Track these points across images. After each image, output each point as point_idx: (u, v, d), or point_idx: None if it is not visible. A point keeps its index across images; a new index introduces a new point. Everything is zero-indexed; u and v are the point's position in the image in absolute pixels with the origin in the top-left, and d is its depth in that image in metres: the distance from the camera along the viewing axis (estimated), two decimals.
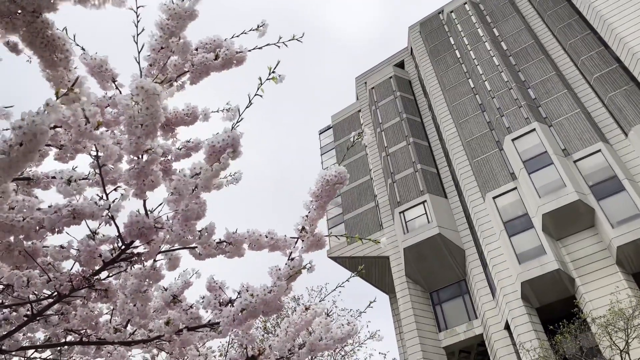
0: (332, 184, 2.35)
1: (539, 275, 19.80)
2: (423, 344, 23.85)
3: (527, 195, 22.09)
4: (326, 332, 2.77)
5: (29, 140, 1.26)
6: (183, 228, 1.97)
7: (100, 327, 2.35)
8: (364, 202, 31.25)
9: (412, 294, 25.89)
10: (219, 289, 2.54)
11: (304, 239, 2.43)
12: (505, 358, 20.48)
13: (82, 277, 1.97)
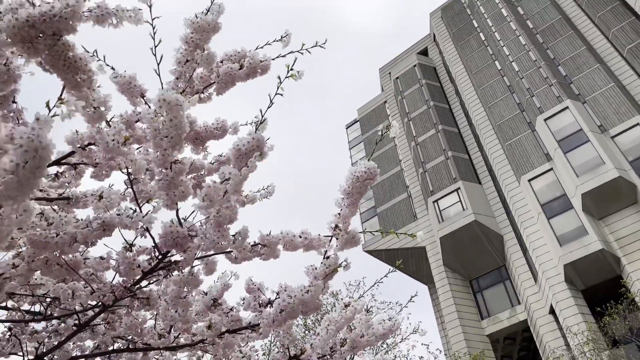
0: (363, 180, 2.33)
1: (582, 256, 19.28)
2: (466, 333, 23.56)
3: (564, 175, 21.52)
4: (367, 328, 2.77)
5: (32, 157, 1.28)
6: (217, 234, 2.00)
7: (146, 334, 2.40)
8: (396, 193, 31.03)
9: (452, 283, 25.59)
10: (257, 290, 2.56)
11: (338, 237, 2.42)
12: (552, 343, 20.03)
13: (123, 288, 2.02)
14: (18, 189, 1.25)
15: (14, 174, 1.24)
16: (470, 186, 26.25)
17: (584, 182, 20.24)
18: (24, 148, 1.25)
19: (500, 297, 24.95)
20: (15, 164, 1.24)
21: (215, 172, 2.26)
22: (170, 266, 2.03)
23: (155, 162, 1.71)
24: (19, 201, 1.32)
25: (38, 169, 1.26)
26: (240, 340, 2.68)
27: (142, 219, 1.85)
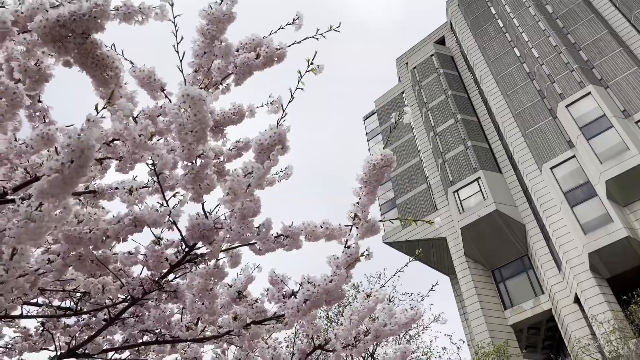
0: (379, 168, 2.34)
1: (607, 244, 18.97)
2: (489, 323, 23.40)
3: (587, 162, 21.14)
4: (390, 317, 2.79)
5: (78, 157, 1.33)
6: (241, 226, 2.03)
7: (173, 326, 2.46)
8: (415, 184, 30.87)
9: (474, 273, 25.41)
10: (280, 281, 2.60)
11: (358, 226, 2.44)
12: (577, 332, 19.79)
13: (152, 281, 2.08)
14: (61, 186, 1.30)
15: (59, 172, 1.29)
16: (490, 175, 25.98)
17: (607, 169, 19.87)
18: (72, 148, 1.30)
19: (523, 287, 24.70)
20: (60, 163, 1.29)
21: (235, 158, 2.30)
22: (196, 259, 2.08)
23: (181, 156, 1.75)
24: (60, 199, 1.37)
25: (82, 168, 1.31)
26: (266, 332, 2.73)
27: (169, 213, 1.90)
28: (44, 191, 1.30)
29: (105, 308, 2.45)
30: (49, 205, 1.43)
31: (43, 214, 1.41)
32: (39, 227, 1.44)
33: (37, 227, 1.44)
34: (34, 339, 3.35)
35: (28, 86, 1.62)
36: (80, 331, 2.41)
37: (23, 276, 1.79)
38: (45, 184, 1.29)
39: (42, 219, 1.42)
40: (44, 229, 1.44)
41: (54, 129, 1.83)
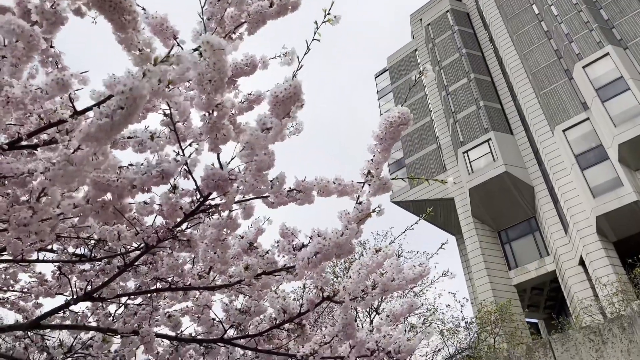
0: (396, 126, 2.32)
1: (615, 208, 18.95)
2: (493, 283, 23.75)
3: (601, 125, 20.83)
4: (398, 272, 2.82)
5: (130, 105, 1.33)
6: (256, 178, 2.04)
7: (186, 275, 2.52)
8: (425, 144, 30.69)
9: (480, 233, 25.59)
10: (291, 235, 2.63)
11: (370, 183, 2.44)
12: (580, 294, 20.07)
13: (166, 229, 2.11)
14: (107, 132, 1.31)
15: (110, 117, 1.30)
16: (501, 137, 25.74)
17: (621, 132, 19.60)
18: (125, 95, 1.29)
19: (528, 248, 24.91)
20: (112, 109, 1.29)
21: (246, 111, 2.29)
22: (210, 209, 2.10)
23: (199, 105, 1.74)
24: (102, 144, 1.38)
25: (130, 115, 1.32)
26: (275, 282, 2.78)
27: (186, 162, 1.91)
28: (90, 134, 1.30)
29: (119, 255, 2.50)
30: (89, 150, 1.44)
31: (82, 157, 1.43)
32: (77, 170, 1.45)
33: (76, 170, 1.45)
34: (49, 284, 3.46)
35: (45, 29, 1.60)
36: (95, 276, 2.48)
37: (46, 220, 1.82)
38: (94, 127, 1.29)
39: (81, 162, 1.43)
40: (82, 172, 1.46)
41: (69, 75, 1.82)
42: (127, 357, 2.62)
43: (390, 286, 2.80)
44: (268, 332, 2.58)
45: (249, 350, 2.65)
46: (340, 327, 2.56)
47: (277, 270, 2.47)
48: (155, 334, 2.55)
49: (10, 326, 2.49)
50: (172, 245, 2.23)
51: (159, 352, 2.68)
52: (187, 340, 2.60)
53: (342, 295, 2.62)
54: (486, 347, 15.39)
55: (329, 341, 2.58)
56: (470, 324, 16.92)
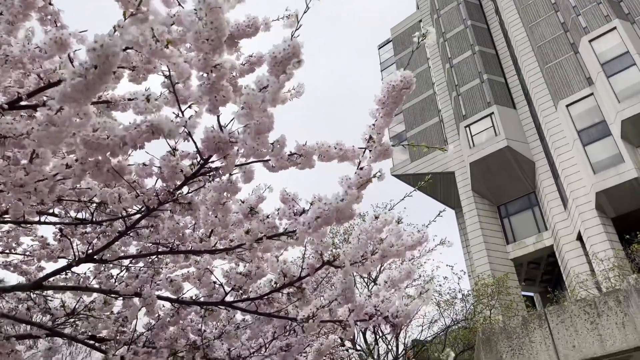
0: (399, 90, 2.30)
1: (616, 184, 18.97)
2: (490, 256, 23.96)
3: (605, 100, 20.67)
4: (397, 238, 2.84)
5: (103, 63, 1.32)
6: (256, 141, 2.03)
7: (187, 238, 2.53)
8: (427, 117, 30.54)
9: (479, 208, 25.69)
10: (292, 200, 2.64)
11: (372, 148, 2.43)
12: (576, 268, 20.26)
13: (167, 192, 2.11)
14: (84, 92, 1.29)
15: (83, 76, 1.28)
16: (504, 111, 25.58)
17: (625, 108, 19.46)
18: (97, 52, 1.27)
19: (527, 223, 25.04)
20: (85, 68, 1.28)
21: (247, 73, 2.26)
22: (211, 172, 2.10)
23: (197, 66, 1.71)
24: (82, 104, 1.36)
25: (105, 74, 1.30)
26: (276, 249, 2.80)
27: (185, 124, 1.89)
28: (66, 95, 1.29)
29: (120, 218, 2.51)
30: (70, 111, 1.42)
31: (64, 118, 1.42)
32: (59, 131, 1.44)
33: (58, 131, 1.44)
34: (51, 247, 3.48)
35: None
36: (97, 238, 2.49)
37: (42, 181, 1.82)
38: (69, 87, 1.28)
39: (63, 123, 1.42)
40: (64, 133, 1.45)
41: (67, 34, 1.79)
42: (129, 319, 2.66)
43: (390, 252, 2.82)
44: (268, 295, 2.61)
45: (249, 314, 2.69)
46: (339, 291, 2.59)
47: (278, 235, 2.48)
48: (157, 296, 2.58)
49: (14, 287, 2.52)
50: (173, 208, 2.24)
51: (160, 315, 2.72)
52: (188, 302, 2.63)
53: (342, 260, 2.64)
54: (482, 318, 15.62)
55: (328, 305, 2.61)
56: (466, 296, 17.14)
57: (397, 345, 15.93)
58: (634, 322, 4.91)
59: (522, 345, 5.67)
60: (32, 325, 2.63)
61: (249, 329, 2.99)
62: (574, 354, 5.22)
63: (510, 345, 5.76)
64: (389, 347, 16.11)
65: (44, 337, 2.87)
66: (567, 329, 5.37)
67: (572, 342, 5.26)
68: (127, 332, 2.96)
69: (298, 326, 2.68)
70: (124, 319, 2.93)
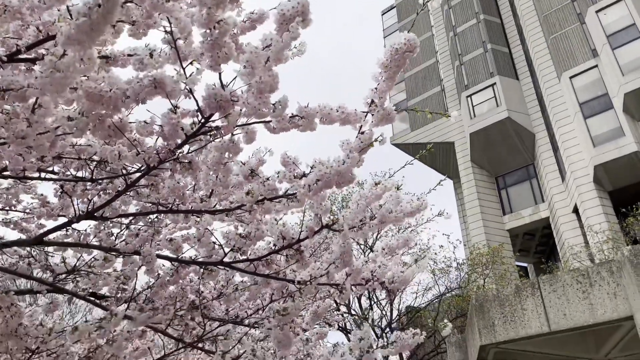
0: (402, 53, 2.27)
1: (615, 158, 18.98)
2: (486, 227, 24.17)
3: (609, 73, 20.46)
4: (396, 205, 2.85)
5: (107, 2, 1.28)
6: (258, 100, 2.01)
7: (187, 198, 2.54)
8: (429, 86, 30.26)
9: (477, 178, 25.76)
10: (292, 163, 2.63)
11: (374, 112, 2.41)
12: (571, 240, 20.47)
13: (167, 150, 2.10)
14: (88, 33, 1.27)
15: (87, 16, 1.25)
16: (506, 81, 25.34)
17: (628, 82, 19.28)
18: None
19: (524, 195, 25.16)
20: (88, 7, 1.25)
21: (248, 31, 2.22)
22: (212, 131, 2.08)
23: (199, 21, 1.68)
24: (85, 47, 1.34)
25: (109, 14, 1.27)
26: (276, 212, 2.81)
27: (186, 80, 1.87)
28: (70, 37, 1.26)
29: (121, 176, 2.51)
30: (74, 56, 1.40)
31: (69, 63, 1.39)
32: (64, 77, 1.42)
33: (63, 77, 1.42)
34: (51, 205, 3.49)
35: None
36: (97, 196, 2.49)
37: (44, 134, 1.81)
38: (73, 28, 1.26)
39: (67, 69, 1.40)
40: (68, 79, 1.43)
41: None
42: (130, 277, 2.69)
43: (388, 218, 2.84)
44: (267, 257, 2.63)
45: (248, 274, 2.72)
46: (337, 255, 2.61)
47: (278, 197, 2.48)
48: (157, 255, 2.60)
49: (14, 242, 2.54)
50: (174, 167, 2.23)
51: (159, 274, 2.75)
52: (188, 262, 2.65)
53: (341, 224, 2.66)
54: (475, 287, 15.87)
55: (326, 268, 2.64)
56: (461, 265, 17.37)
57: (392, 311, 16.23)
58: (625, 292, 4.99)
59: (514, 313, 5.77)
60: (33, 280, 2.66)
61: (248, 291, 3.03)
62: (565, 322, 5.31)
63: (502, 312, 5.86)
64: (383, 312, 16.42)
65: (44, 292, 2.90)
66: (559, 298, 5.45)
67: (563, 311, 5.35)
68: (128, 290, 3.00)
69: (295, 290, 2.71)
70: (125, 277, 2.96)
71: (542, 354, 6.68)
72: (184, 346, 2.90)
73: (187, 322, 2.52)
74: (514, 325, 5.74)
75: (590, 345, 6.68)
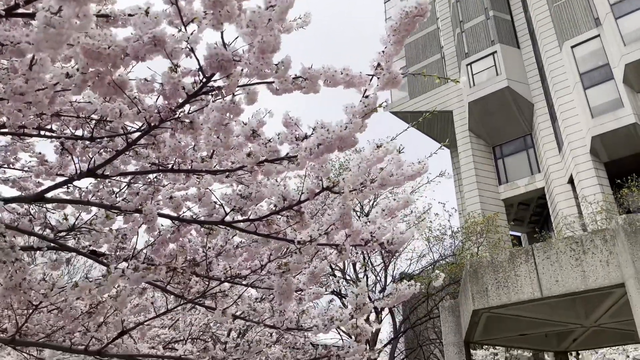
0: (412, 17, 2.23)
1: (612, 129, 18.98)
2: (482, 196, 24.33)
3: (611, 43, 20.23)
4: (397, 167, 2.86)
5: None
6: (260, 61, 1.99)
7: (188, 157, 2.54)
8: (429, 53, 29.89)
9: (475, 148, 25.76)
10: (294, 125, 2.62)
11: (380, 76, 2.39)
12: (565, 210, 20.67)
13: (168, 109, 2.09)
14: None
15: None
16: (507, 50, 25.05)
17: (630, 52, 19.09)
18: None
19: (520, 165, 25.24)
20: None
21: None
22: (213, 91, 2.07)
23: None
24: (81, 4, 1.31)
25: None
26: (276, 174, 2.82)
27: (187, 39, 1.84)
28: None
29: (121, 135, 2.50)
30: (69, 11, 1.37)
31: (63, 19, 1.37)
32: (59, 34, 1.40)
33: (57, 34, 1.40)
34: (50, 164, 3.48)
35: None
36: (98, 154, 2.49)
37: (42, 90, 1.79)
38: None
39: (62, 25, 1.37)
40: (64, 36, 1.40)
41: None
42: (130, 234, 2.71)
43: (389, 181, 2.85)
44: (268, 217, 2.65)
45: (248, 234, 2.74)
46: (337, 216, 2.63)
47: (279, 159, 2.48)
48: (158, 213, 2.61)
49: (15, 198, 2.54)
50: (175, 127, 2.22)
51: (160, 232, 2.77)
52: (188, 221, 2.67)
53: (342, 186, 2.67)
54: (469, 255, 16.09)
55: (325, 229, 2.67)
56: (456, 233, 17.55)
57: (386, 277, 16.48)
58: (618, 260, 5.06)
59: (507, 279, 5.86)
60: (34, 236, 2.68)
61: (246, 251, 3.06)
62: (557, 288, 5.41)
63: (496, 278, 5.95)
64: (377, 278, 16.67)
65: (45, 249, 2.93)
66: (552, 265, 5.54)
67: (555, 277, 5.44)
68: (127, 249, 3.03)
69: (294, 250, 2.75)
70: (124, 236, 2.98)
71: (533, 319, 6.84)
72: (184, 302, 2.95)
73: (188, 278, 2.56)
74: (507, 291, 5.84)
75: (581, 311, 6.83)
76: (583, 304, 6.66)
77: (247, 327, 6.96)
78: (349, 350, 3.50)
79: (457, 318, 7.41)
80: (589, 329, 7.14)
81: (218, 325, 7.27)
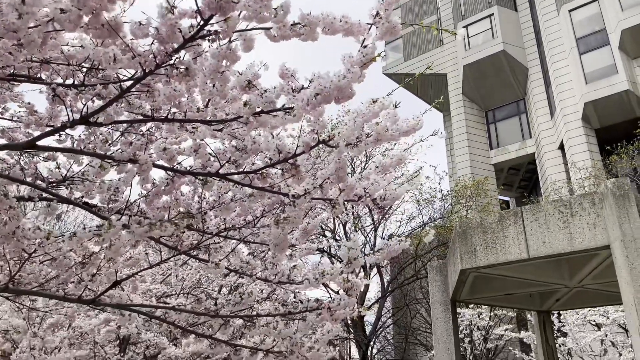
0: None
1: (605, 95, 18.98)
2: (472, 161, 24.44)
3: (609, 7, 19.99)
4: (393, 123, 2.84)
5: None
6: (259, 3, 1.94)
7: (183, 106, 2.49)
8: (425, 15, 29.37)
9: (467, 112, 25.70)
10: (291, 76, 2.57)
11: (378, 25, 2.34)
12: (554, 176, 20.87)
13: (164, 53, 2.03)
14: None
15: None
16: (505, 12, 24.68)
17: (627, 17, 18.91)
18: None
19: (512, 130, 25.28)
20: None
21: None
22: (210, 35, 2.01)
23: None
24: None
25: None
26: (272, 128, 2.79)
27: None
28: None
29: (115, 83, 2.44)
30: None
31: None
32: None
33: None
34: (40, 115, 3.41)
35: None
36: (91, 101, 2.43)
37: (35, 27, 1.73)
38: None
39: None
40: None
41: None
42: (125, 184, 2.69)
43: (384, 136, 2.83)
44: (263, 170, 2.64)
45: (243, 186, 2.73)
46: (332, 170, 2.63)
47: (276, 110, 2.45)
48: (152, 164, 2.58)
49: (6, 145, 2.50)
50: (170, 73, 2.17)
51: (154, 183, 2.75)
52: (183, 172, 2.65)
53: (337, 140, 2.65)
54: (458, 218, 16.29)
55: (320, 183, 2.67)
56: (445, 196, 17.70)
57: (375, 237, 16.68)
58: (605, 223, 5.14)
59: (495, 240, 5.95)
60: (26, 185, 2.65)
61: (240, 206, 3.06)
62: (543, 249, 5.50)
63: (484, 239, 6.03)
64: (367, 239, 16.87)
65: (37, 199, 2.90)
66: (540, 227, 5.62)
67: (543, 239, 5.52)
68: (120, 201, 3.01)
69: (288, 204, 2.75)
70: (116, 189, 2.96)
71: (519, 279, 6.98)
72: (178, 254, 2.97)
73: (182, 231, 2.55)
74: (495, 252, 5.94)
75: (565, 272, 6.98)
76: (568, 265, 6.81)
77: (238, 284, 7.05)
78: (340, 303, 3.56)
79: (445, 277, 7.55)
80: (572, 289, 7.32)
81: (209, 282, 7.36)
